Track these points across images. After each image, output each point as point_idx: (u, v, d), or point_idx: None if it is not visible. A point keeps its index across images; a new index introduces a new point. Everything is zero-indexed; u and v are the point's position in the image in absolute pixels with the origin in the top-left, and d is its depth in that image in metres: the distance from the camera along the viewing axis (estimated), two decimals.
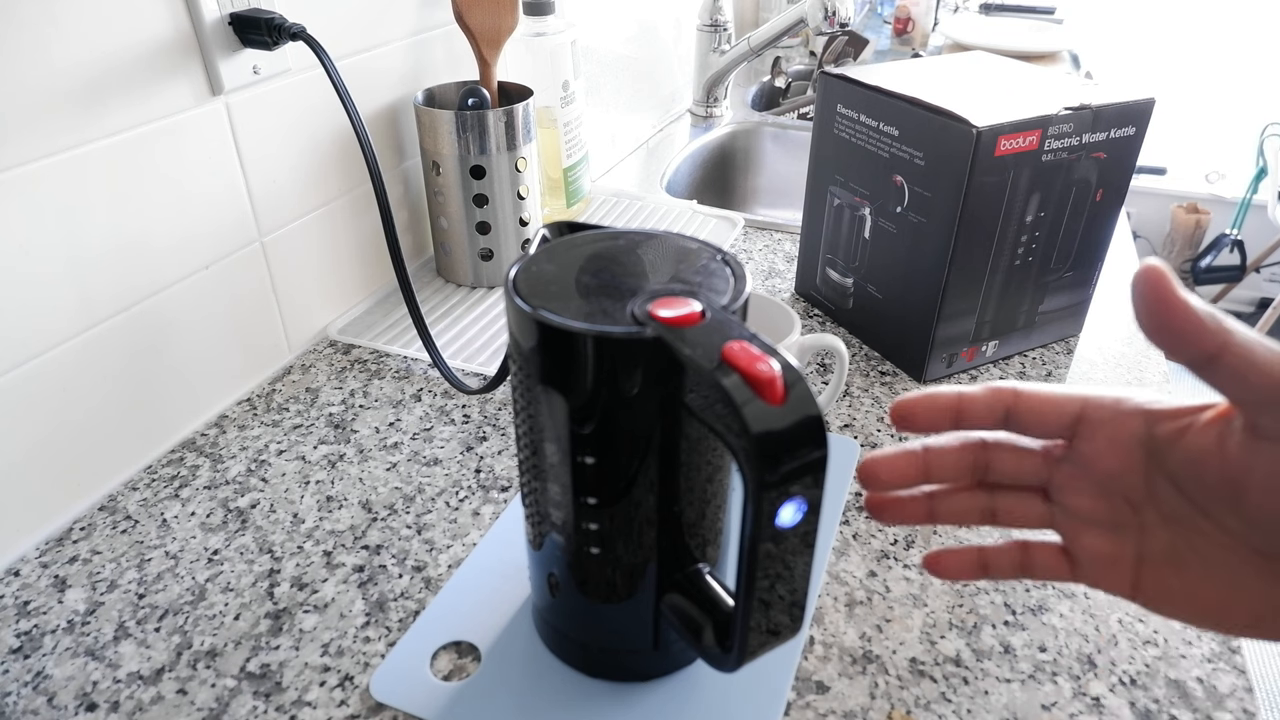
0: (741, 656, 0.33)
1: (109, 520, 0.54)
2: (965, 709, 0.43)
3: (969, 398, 0.33)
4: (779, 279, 0.84)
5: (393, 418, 0.64)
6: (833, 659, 0.45)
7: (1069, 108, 0.59)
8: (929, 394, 0.33)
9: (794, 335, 0.56)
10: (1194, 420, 0.29)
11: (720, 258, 0.37)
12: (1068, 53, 1.67)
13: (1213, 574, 0.30)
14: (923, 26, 1.67)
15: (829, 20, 1.09)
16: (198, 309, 0.61)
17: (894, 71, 0.68)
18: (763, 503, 0.29)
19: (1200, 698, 0.43)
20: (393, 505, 0.55)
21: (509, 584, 0.49)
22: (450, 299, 0.79)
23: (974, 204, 0.60)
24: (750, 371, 0.29)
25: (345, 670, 0.44)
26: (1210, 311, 0.27)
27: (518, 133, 0.75)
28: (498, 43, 0.76)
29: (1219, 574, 0.30)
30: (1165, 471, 0.30)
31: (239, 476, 0.58)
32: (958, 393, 0.33)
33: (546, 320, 0.33)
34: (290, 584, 0.50)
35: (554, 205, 0.92)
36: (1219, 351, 0.26)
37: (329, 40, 0.62)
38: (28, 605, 0.48)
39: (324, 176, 0.69)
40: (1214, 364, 0.26)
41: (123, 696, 0.43)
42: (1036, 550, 0.34)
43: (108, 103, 0.51)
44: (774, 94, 1.48)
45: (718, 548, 0.41)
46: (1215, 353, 0.26)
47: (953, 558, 0.35)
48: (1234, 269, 2.69)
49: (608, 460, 0.35)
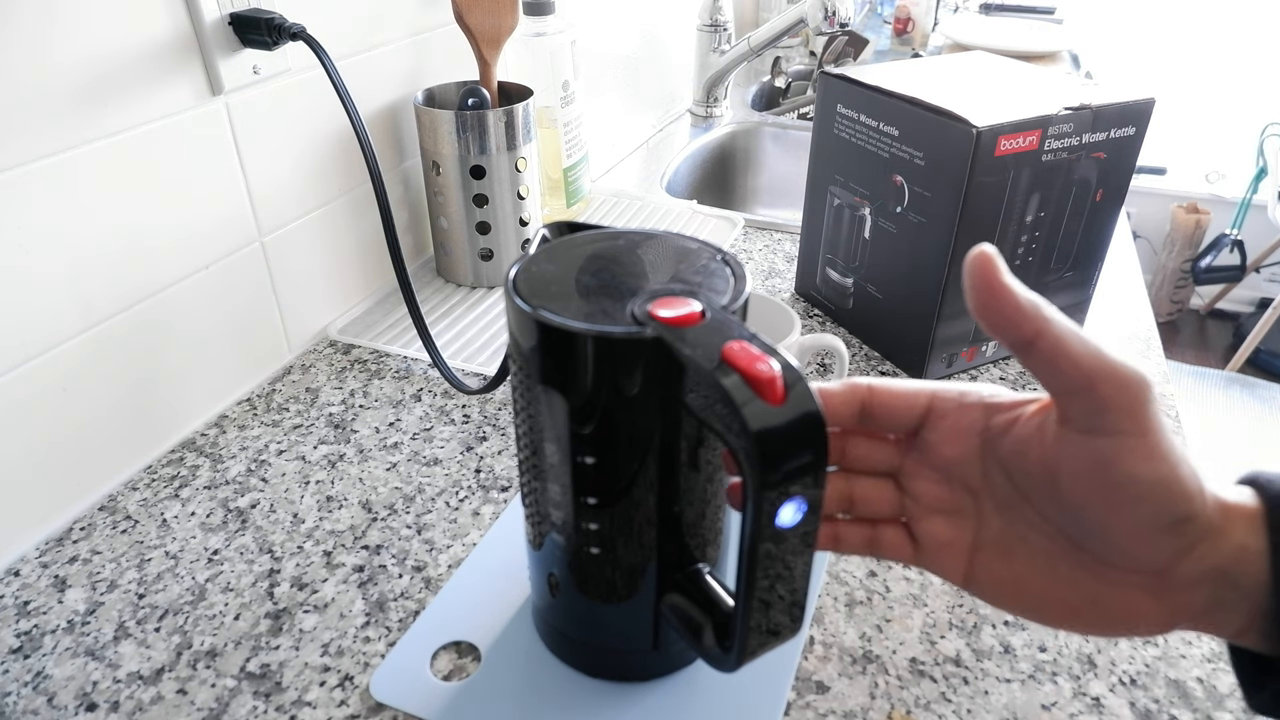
0: (741, 656, 0.33)
1: (109, 520, 0.54)
2: (965, 709, 0.43)
3: (827, 394, 0.34)
4: (779, 279, 0.84)
5: (393, 418, 0.64)
6: (833, 659, 0.45)
7: (1069, 108, 0.59)
8: None
9: (794, 335, 0.56)
10: (1023, 411, 0.31)
11: (720, 258, 0.37)
12: (1068, 53, 1.67)
13: (1036, 564, 0.31)
14: (923, 26, 1.67)
15: (829, 20, 1.09)
16: (198, 309, 0.61)
17: (894, 71, 0.68)
18: (763, 503, 0.29)
19: (1200, 698, 0.43)
20: (393, 505, 0.55)
21: (509, 584, 0.49)
22: (450, 299, 0.79)
23: (974, 204, 0.60)
24: (750, 371, 0.29)
25: (345, 670, 0.44)
26: (1032, 300, 0.28)
27: (518, 133, 0.75)
28: (498, 43, 0.76)
29: (1041, 564, 0.31)
30: (997, 459, 0.31)
31: (239, 476, 0.58)
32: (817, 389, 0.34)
33: (546, 320, 0.33)
34: (290, 584, 0.50)
35: (554, 205, 0.92)
36: (1034, 337, 0.28)
37: (329, 40, 0.62)
38: (28, 605, 0.48)
39: (324, 176, 0.69)
40: (1030, 349, 0.28)
41: (123, 696, 0.43)
42: (884, 530, 0.35)
43: (108, 102, 0.51)
44: (774, 94, 1.48)
45: (718, 548, 0.41)
46: (1031, 338, 0.28)
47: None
48: (1234, 269, 2.69)
49: (608, 460, 0.35)
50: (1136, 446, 0.27)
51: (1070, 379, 0.28)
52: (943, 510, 0.34)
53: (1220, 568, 0.28)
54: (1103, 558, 0.30)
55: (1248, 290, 2.83)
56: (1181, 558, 0.28)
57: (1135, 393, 0.27)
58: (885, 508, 0.35)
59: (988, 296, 0.28)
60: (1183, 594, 0.29)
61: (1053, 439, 0.29)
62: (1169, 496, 0.27)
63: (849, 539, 0.36)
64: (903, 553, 0.35)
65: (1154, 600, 0.29)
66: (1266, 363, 2.56)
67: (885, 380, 0.34)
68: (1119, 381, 0.27)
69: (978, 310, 0.28)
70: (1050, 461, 0.29)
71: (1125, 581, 0.30)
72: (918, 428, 0.34)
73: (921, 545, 0.34)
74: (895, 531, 0.35)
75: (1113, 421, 0.27)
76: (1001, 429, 0.31)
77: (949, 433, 0.33)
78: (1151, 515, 0.28)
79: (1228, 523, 0.28)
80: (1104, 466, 0.28)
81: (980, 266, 0.28)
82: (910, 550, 0.35)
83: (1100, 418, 0.27)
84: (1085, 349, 0.27)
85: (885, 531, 0.35)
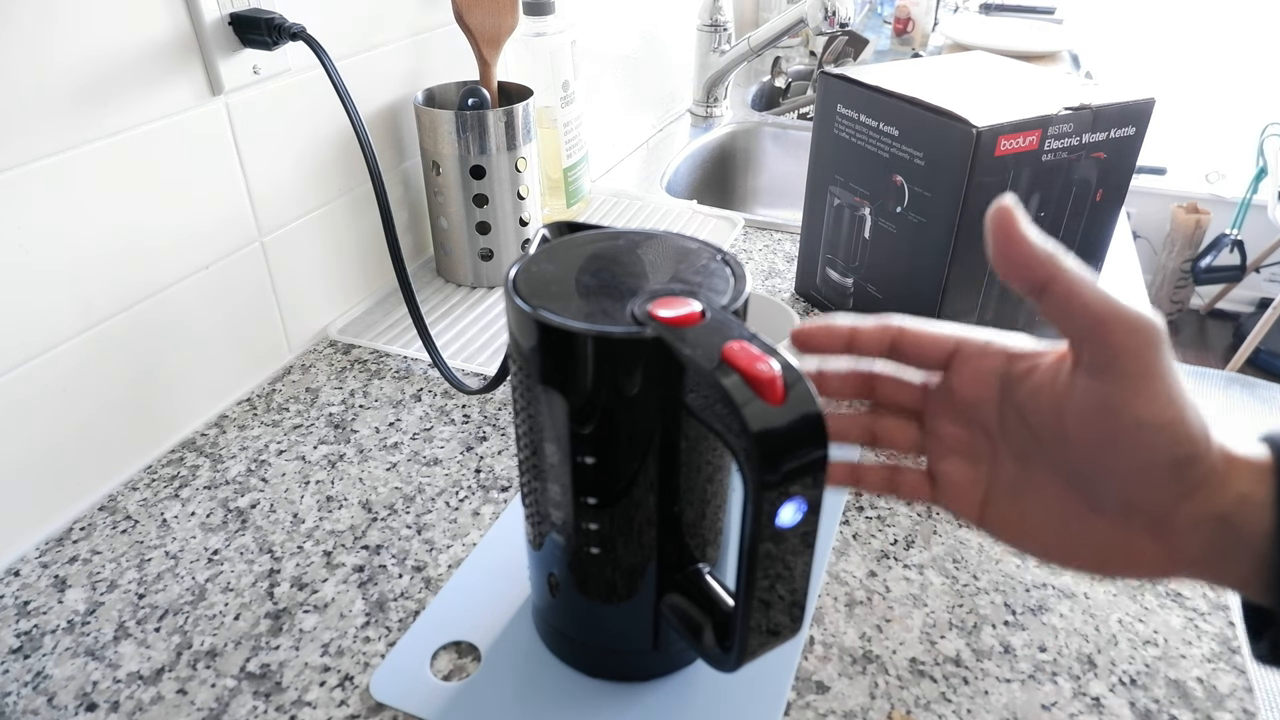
0: (741, 656, 0.33)
1: (109, 520, 0.54)
2: (965, 709, 0.43)
3: (861, 328, 0.35)
4: (779, 279, 0.84)
5: (393, 418, 0.64)
6: (833, 659, 0.45)
7: (1069, 108, 0.59)
8: (827, 323, 0.36)
9: None
10: (1041, 360, 0.32)
11: (720, 258, 0.37)
12: (1068, 53, 1.67)
13: (1045, 506, 0.32)
14: (923, 26, 1.67)
15: (829, 20, 1.09)
16: (198, 309, 0.61)
17: (894, 71, 0.68)
18: (763, 503, 0.29)
19: (1200, 698, 0.43)
20: (393, 505, 0.55)
21: (509, 584, 0.49)
22: (450, 299, 0.79)
23: (974, 204, 0.60)
24: (750, 371, 0.29)
25: (345, 670, 0.44)
26: (1047, 247, 0.29)
27: (518, 133, 0.75)
28: (498, 43, 0.76)
29: (1050, 506, 0.32)
30: (1014, 404, 0.33)
31: (239, 476, 0.58)
32: (852, 323, 0.35)
33: (546, 320, 0.33)
34: (290, 584, 0.50)
35: (554, 205, 0.92)
36: (1048, 282, 0.29)
37: (329, 40, 0.62)
38: (28, 605, 0.48)
39: (324, 176, 0.69)
40: (1044, 293, 0.29)
41: (123, 696, 0.43)
42: (904, 473, 0.37)
43: (108, 102, 0.51)
44: (774, 94, 1.48)
45: (718, 548, 0.41)
46: (1045, 282, 0.29)
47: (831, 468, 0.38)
48: (1234, 269, 2.69)
49: (608, 460, 0.35)
50: (1143, 390, 0.28)
51: (1081, 323, 0.29)
52: (960, 452, 0.35)
53: (1221, 514, 0.29)
54: (1107, 500, 0.31)
55: (1248, 290, 2.83)
56: (1182, 501, 0.29)
57: (1144, 337, 0.28)
58: (906, 444, 0.37)
59: (1005, 243, 0.29)
60: (1183, 538, 0.30)
61: (1064, 383, 0.30)
62: (1173, 440, 0.28)
63: (869, 479, 0.37)
64: (920, 492, 0.36)
65: (1155, 544, 0.30)
66: (1266, 363, 2.56)
67: (917, 320, 0.35)
68: (1128, 326, 0.28)
69: (996, 256, 0.30)
70: (1060, 405, 0.30)
71: (1128, 524, 0.30)
72: (943, 369, 0.35)
73: (940, 485, 0.36)
74: (914, 475, 0.37)
75: (1121, 365, 0.28)
76: (1020, 375, 0.32)
77: (971, 376, 0.34)
78: (1155, 458, 0.29)
79: (1232, 471, 0.29)
80: (1111, 409, 0.29)
81: (1000, 216, 0.30)
82: (928, 489, 0.36)
83: (1110, 361, 0.28)
84: (1097, 295, 0.29)
85: (905, 473, 0.37)
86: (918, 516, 0.55)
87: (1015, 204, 0.29)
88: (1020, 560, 0.51)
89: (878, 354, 0.35)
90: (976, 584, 0.50)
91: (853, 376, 0.37)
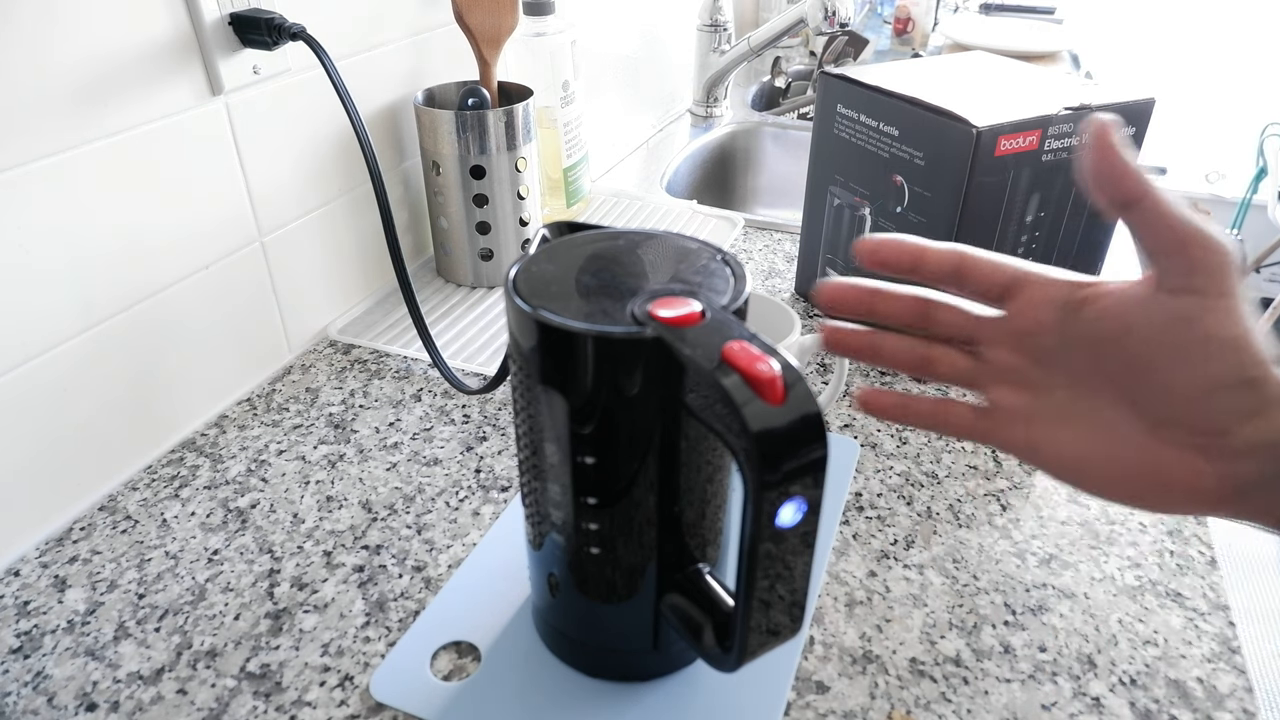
0: (741, 656, 0.33)
1: (109, 520, 0.54)
2: (965, 709, 0.43)
3: (929, 248, 0.36)
4: (779, 279, 0.84)
5: (393, 418, 0.64)
6: (833, 659, 0.45)
7: (1069, 108, 0.59)
8: (898, 238, 0.36)
9: (794, 335, 0.56)
10: (1106, 285, 0.33)
11: (720, 258, 0.37)
12: (1068, 53, 1.67)
13: (1098, 431, 0.33)
14: (923, 26, 1.67)
15: (829, 20, 1.09)
16: (198, 309, 0.61)
17: (894, 71, 0.68)
18: (763, 503, 0.29)
19: (1200, 698, 0.43)
20: (393, 505, 0.55)
21: (509, 584, 0.49)
22: (450, 299, 0.79)
23: (974, 204, 0.60)
24: (750, 371, 0.29)
25: (345, 670, 0.44)
26: (1140, 168, 0.30)
27: (518, 133, 0.75)
28: (498, 43, 0.76)
29: (1103, 431, 0.33)
30: (1077, 329, 0.33)
31: (239, 476, 0.58)
32: (920, 243, 0.36)
33: (546, 320, 0.33)
34: (290, 584, 0.50)
35: (554, 205, 0.92)
36: (1141, 197, 0.30)
37: (329, 40, 0.62)
38: (28, 605, 0.48)
39: (324, 176, 0.69)
40: (1134, 208, 0.31)
41: (123, 696, 0.43)
42: (952, 405, 0.37)
43: (108, 102, 0.51)
44: (774, 94, 1.48)
45: (718, 548, 0.41)
46: (1138, 197, 0.30)
47: (881, 396, 0.39)
48: None
49: (608, 460, 0.35)
50: (1218, 306, 0.30)
51: (1165, 239, 0.30)
52: (1011, 380, 0.35)
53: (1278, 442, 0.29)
54: (1165, 418, 0.31)
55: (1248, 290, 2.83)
56: (1242, 422, 0.30)
57: (1222, 257, 0.30)
58: (958, 372, 0.37)
59: (1101, 158, 0.31)
60: (1236, 461, 0.30)
61: (1138, 301, 0.31)
62: (1240, 358, 0.29)
63: (917, 410, 0.38)
64: (964, 423, 0.37)
65: (1208, 464, 0.31)
66: None
67: (979, 250, 0.36)
68: (1208, 245, 0.30)
69: (1093, 168, 0.31)
70: (1129, 324, 0.32)
71: (1183, 443, 0.31)
72: (1001, 296, 0.35)
73: (988, 412, 0.36)
74: (962, 407, 0.37)
75: (1199, 282, 0.30)
76: (1083, 300, 0.33)
77: (1029, 302, 0.34)
78: (1222, 373, 0.30)
79: None
80: (1185, 323, 0.30)
81: (1101, 132, 0.31)
82: (972, 421, 0.37)
83: (1188, 278, 0.30)
84: (1181, 214, 0.30)
85: (952, 406, 0.37)
86: (918, 516, 0.55)
87: (1114, 121, 0.30)
88: (1020, 560, 0.51)
89: (941, 276, 0.36)
90: (976, 584, 0.50)
91: (910, 300, 0.37)
